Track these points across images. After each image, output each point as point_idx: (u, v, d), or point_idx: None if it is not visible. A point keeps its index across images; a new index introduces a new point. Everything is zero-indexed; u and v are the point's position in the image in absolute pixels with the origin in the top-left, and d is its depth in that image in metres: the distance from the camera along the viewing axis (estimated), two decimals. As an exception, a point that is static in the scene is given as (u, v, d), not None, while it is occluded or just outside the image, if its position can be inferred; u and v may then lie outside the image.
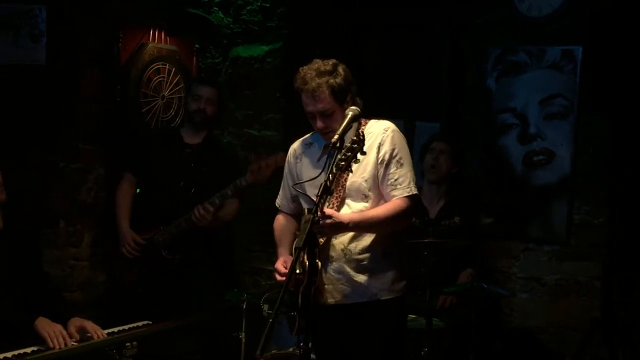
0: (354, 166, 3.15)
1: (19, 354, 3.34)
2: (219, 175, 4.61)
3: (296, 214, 3.71)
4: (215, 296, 4.71)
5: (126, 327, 3.82)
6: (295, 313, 3.24)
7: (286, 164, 3.70)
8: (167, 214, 4.57)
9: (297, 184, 3.50)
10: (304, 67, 3.42)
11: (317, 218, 3.13)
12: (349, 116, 3.22)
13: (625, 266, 4.67)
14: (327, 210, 3.23)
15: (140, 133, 5.07)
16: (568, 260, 4.89)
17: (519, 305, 5.05)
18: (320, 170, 3.28)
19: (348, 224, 3.30)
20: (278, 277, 3.43)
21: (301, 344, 3.12)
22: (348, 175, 3.36)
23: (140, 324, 3.89)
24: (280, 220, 3.77)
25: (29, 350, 3.39)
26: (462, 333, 4.41)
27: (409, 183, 3.42)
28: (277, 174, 4.45)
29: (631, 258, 4.67)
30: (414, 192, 3.42)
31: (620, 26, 4.67)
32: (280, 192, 3.76)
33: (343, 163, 3.08)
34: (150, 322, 3.93)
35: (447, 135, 5.01)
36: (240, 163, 4.94)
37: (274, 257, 5.55)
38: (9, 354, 3.31)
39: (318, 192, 3.11)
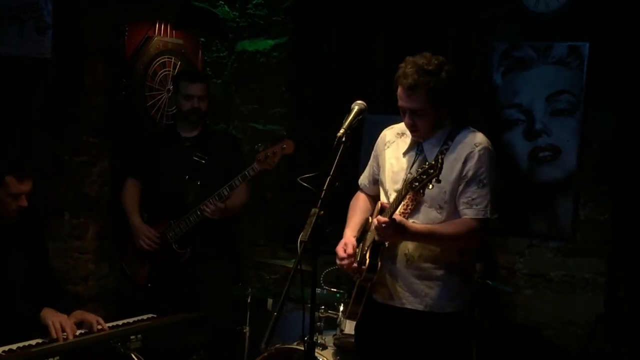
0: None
1: (24, 346, 3.36)
2: (222, 162, 4.61)
3: (377, 196, 3.59)
4: (224, 290, 4.72)
5: (131, 320, 3.83)
6: (348, 300, 3.32)
7: (375, 147, 3.59)
8: (176, 208, 4.57)
9: (302, 177, 3.33)
10: (410, 57, 3.26)
11: (377, 223, 3.15)
12: (354, 110, 3.15)
13: (630, 262, 4.66)
14: (396, 216, 3.18)
15: (144, 127, 5.09)
16: (573, 257, 4.88)
17: (523, 302, 5.04)
18: (404, 164, 3.32)
19: (410, 234, 3.24)
20: (337, 262, 3.39)
21: (305, 338, 3.10)
22: None
23: (145, 317, 3.90)
24: (358, 198, 3.66)
25: (33, 342, 3.41)
26: (466, 327, 4.30)
27: (486, 206, 3.28)
28: (284, 161, 4.47)
29: (636, 254, 4.65)
30: (489, 216, 3.29)
31: (628, 22, 4.64)
32: (365, 171, 3.66)
33: (416, 184, 3.03)
34: (155, 316, 3.93)
35: None
36: (240, 146, 4.96)
37: (278, 252, 5.71)
38: (14, 346, 3.32)
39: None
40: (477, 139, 3.31)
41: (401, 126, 3.47)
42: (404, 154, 3.40)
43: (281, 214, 5.75)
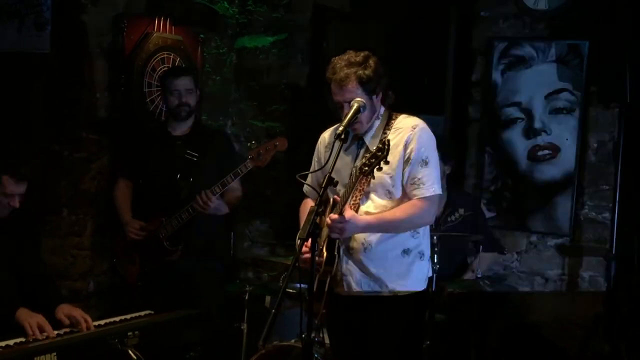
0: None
1: (21, 341, 3.35)
2: (214, 159, 4.60)
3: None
4: (218, 287, 4.72)
5: (128, 316, 3.82)
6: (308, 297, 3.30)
7: (315, 152, 3.69)
8: (168, 206, 4.55)
9: (300, 174, 3.40)
10: (336, 57, 3.41)
11: (330, 221, 3.21)
12: (354, 107, 3.25)
13: (629, 262, 4.68)
14: (347, 212, 3.25)
15: (143, 124, 5.07)
16: (572, 256, 4.91)
17: (521, 301, 5.05)
18: (348, 160, 3.38)
19: (361, 228, 3.33)
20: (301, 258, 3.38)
21: (303, 335, 3.12)
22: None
23: (142, 313, 3.90)
24: (306, 204, 3.74)
25: (30, 338, 3.40)
26: (464, 327, 4.46)
27: (432, 183, 3.38)
28: (283, 158, 4.45)
29: (635, 253, 4.67)
30: (437, 192, 3.40)
31: (627, 20, 4.61)
32: (308, 179, 3.69)
33: (366, 168, 3.12)
34: (153, 312, 3.93)
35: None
36: (232, 143, 4.94)
37: (276, 249, 5.71)
38: (10, 342, 3.32)
39: (323, 185, 3.14)
40: (414, 122, 3.44)
41: (336, 127, 3.50)
42: (345, 150, 3.45)
43: (280, 211, 5.74)
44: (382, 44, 5.60)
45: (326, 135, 3.64)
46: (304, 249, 3.28)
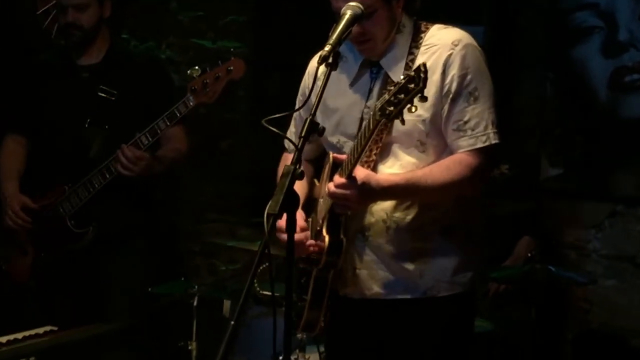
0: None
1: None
2: (139, 97, 4.62)
3: (314, 158, 3.65)
4: (151, 288, 4.75)
5: (19, 335, 3.82)
6: (302, 303, 3.33)
7: (302, 86, 3.65)
8: (73, 168, 4.54)
9: (270, 118, 3.14)
10: None
11: (333, 188, 3.15)
12: (346, 16, 3.16)
13: None
14: (358, 172, 3.17)
15: (33, 47, 5.06)
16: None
17: (602, 297, 5.10)
18: (356, 99, 3.34)
19: (382, 193, 3.24)
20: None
21: (280, 359, 3.15)
22: None
23: (40, 331, 3.90)
24: (287, 162, 3.67)
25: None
26: (518, 337, 4.51)
27: (486, 127, 3.29)
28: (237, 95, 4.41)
29: None
30: (493, 141, 3.30)
31: None
32: (291, 127, 3.67)
33: (391, 109, 3.00)
34: (56, 329, 3.94)
35: None
36: (168, 73, 4.98)
37: (238, 230, 5.61)
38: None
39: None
40: (454, 35, 3.35)
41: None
42: (351, 85, 3.43)
43: (244, 174, 5.76)
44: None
45: (315, 62, 3.40)
46: (279, 227, 3.17)
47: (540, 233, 4.76)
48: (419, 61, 3.22)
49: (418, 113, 3.16)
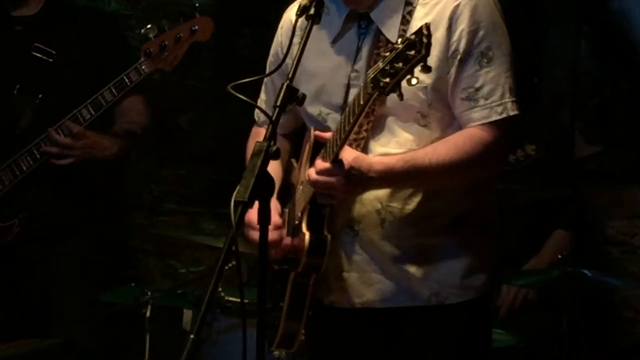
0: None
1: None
2: (84, 58, 4.62)
3: (291, 132, 3.68)
4: (92, 295, 4.71)
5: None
6: (278, 313, 3.33)
7: (276, 43, 3.62)
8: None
9: (236, 83, 3.09)
10: None
11: (314, 175, 3.12)
12: None
13: None
14: (345, 153, 3.11)
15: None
16: None
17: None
18: (340, 61, 3.31)
19: (380, 175, 3.15)
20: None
21: None
22: None
23: None
24: (258, 139, 3.55)
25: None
26: (546, 353, 4.54)
27: (502, 95, 3.21)
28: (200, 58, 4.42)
29: None
30: (511, 113, 3.21)
31: None
32: (262, 94, 3.65)
33: (387, 80, 2.89)
34: None
35: None
36: (119, 30, 5.04)
37: (202, 222, 5.48)
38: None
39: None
40: None
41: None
42: (334, 42, 3.38)
43: (208, 153, 5.82)
44: None
45: (292, 14, 3.45)
46: (249, 221, 3.21)
47: (575, 225, 4.67)
48: (418, 13, 3.23)
49: (421, 79, 3.06)
